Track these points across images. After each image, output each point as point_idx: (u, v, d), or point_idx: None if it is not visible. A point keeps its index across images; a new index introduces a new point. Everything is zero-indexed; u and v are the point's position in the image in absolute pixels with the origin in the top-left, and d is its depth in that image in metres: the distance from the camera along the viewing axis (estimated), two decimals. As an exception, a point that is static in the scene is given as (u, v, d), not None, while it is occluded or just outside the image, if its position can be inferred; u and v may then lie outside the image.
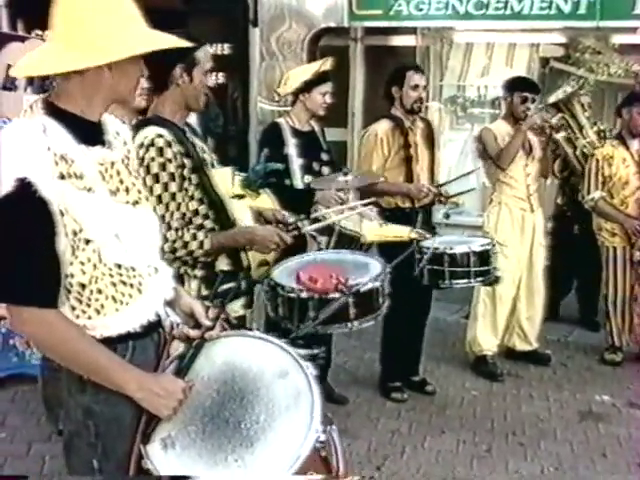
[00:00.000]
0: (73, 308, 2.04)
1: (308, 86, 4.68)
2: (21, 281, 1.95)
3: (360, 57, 8.51)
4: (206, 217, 3.09)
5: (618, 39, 7.87)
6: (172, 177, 2.96)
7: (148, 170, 2.94)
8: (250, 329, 2.91)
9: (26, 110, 2.04)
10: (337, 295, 3.22)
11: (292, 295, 3.32)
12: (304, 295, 3.27)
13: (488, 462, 4.36)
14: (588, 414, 5.00)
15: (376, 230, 3.68)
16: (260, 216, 3.48)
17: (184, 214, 3.03)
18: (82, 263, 2.01)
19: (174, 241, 2.99)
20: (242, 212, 3.22)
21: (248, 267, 3.31)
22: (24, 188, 1.89)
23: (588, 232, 6.06)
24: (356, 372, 5.60)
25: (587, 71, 8.49)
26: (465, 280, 4.52)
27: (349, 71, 8.48)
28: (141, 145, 2.96)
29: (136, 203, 2.18)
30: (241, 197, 3.17)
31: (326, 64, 4.79)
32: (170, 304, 2.35)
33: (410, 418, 4.89)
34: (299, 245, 3.76)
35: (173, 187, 2.97)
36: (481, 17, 7.52)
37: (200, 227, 3.08)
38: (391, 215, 4.86)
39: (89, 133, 2.07)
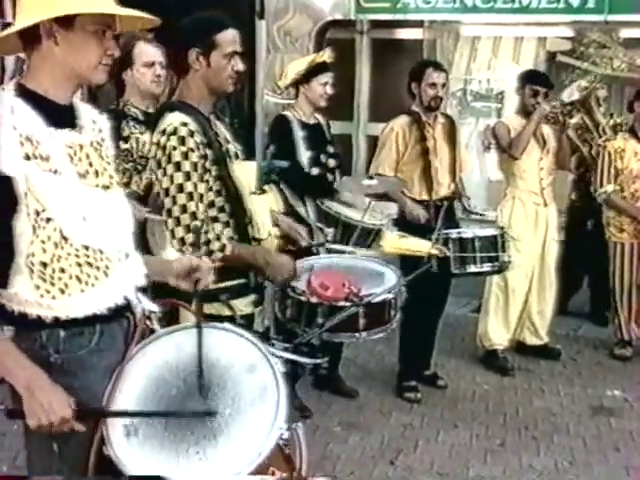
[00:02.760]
0: (37, 287, 2.04)
1: (306, 77, 4.68)
2: None
3: (366, 50, 8.45)
4: (222, 210, 3.00)
5: (626, 33, 7.83)
6: (194, 167, 2.87)
7: (169, 158, 2.86)
8: (256, 331, 2.83)
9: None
10: (347, 304, 3.15)
11: (302, 298, 3.24)
12: (314, 300, 3.20)
13: (502, 456, 4.36)
14: (600, 409, 5.00)
15: (395, 242, 3.63)
16: (276, 225, 3.41)
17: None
18: (43, 242, 2.02)
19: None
20: (260, 208, 3.14)
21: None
22: None
23: (601, 227, 6.07)
24: (367, 366, 5.60)
25: (591, 65, 8.46)
26: (473, 266, 4.55)
27: (355, 64, 8.44)
28: (163, 132, 2.89)
29: (107, 188, 2.18)
30: (262, 192, 3.10)
31: (324, 55, 4.77)
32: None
33: (422, 412, 4.88)
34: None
35: (195, 177, 2.87)
36: (489, 10, 7.48)
37: (215, 220, 2.99)
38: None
39: (57, 115, 2.08)
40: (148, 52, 3.92)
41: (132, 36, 3.86)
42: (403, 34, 8.35)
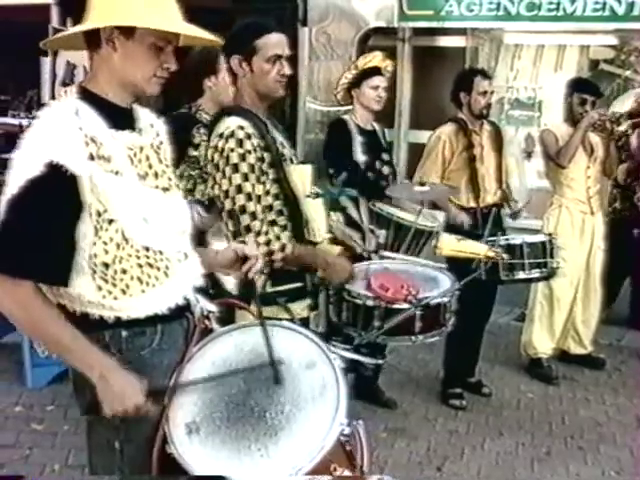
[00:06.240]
0: (99, 288, 2.09)
1: (357, 81, 4.70)
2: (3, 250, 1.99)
3: (407, 57, 8.45)
4: (280, 213, 3.03)
5: (673, 42, 7.76)
6: (252, 168, 2.90)
7: (227, 160, 2.90)
8: (316, 331, 2.87)
9: (61, 95, 2.10)
10: (405, 306, 3.18)
11: (358, 301, 3.27)
12: (370, 303, 3.23)
13: (548, 465, 4.35)
14: (646, 420, 4.96)
15: (453, 245, 3.63)
16: (330, 231, 3.43)
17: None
18: (105, 243, 2.05)
19: (258, 233, 2.92)
20: (316, 212, 3.17)
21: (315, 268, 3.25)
22: (53, 171, 1.95)
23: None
24: (410, 372, 5.60)
25: (633, 73, 8.40)
26: (521, 272, 4.51)
27: (396, 71, 8.44)
28: (221, 135, 2.94)
29: (166, 190, 2.22)
30: (317, 196, 3.13)
31: (373, 59, 4.78)
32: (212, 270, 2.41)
33: (467, 419, 4.89)
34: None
35: (253, 178, 2.91)
36: (532, 18, 7.46)
37: (272, 223, 3.01)
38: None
39: (119, 118, 2.13)
40: None
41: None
42: (445, 42, 8.33)
